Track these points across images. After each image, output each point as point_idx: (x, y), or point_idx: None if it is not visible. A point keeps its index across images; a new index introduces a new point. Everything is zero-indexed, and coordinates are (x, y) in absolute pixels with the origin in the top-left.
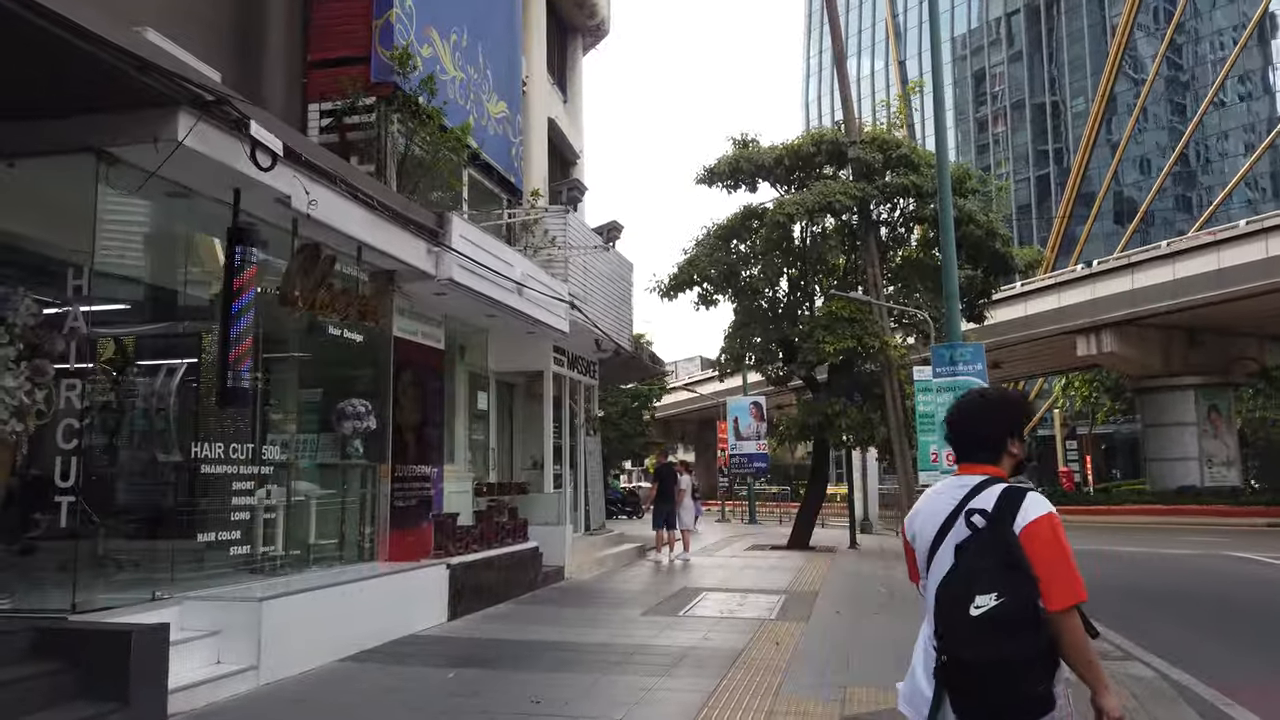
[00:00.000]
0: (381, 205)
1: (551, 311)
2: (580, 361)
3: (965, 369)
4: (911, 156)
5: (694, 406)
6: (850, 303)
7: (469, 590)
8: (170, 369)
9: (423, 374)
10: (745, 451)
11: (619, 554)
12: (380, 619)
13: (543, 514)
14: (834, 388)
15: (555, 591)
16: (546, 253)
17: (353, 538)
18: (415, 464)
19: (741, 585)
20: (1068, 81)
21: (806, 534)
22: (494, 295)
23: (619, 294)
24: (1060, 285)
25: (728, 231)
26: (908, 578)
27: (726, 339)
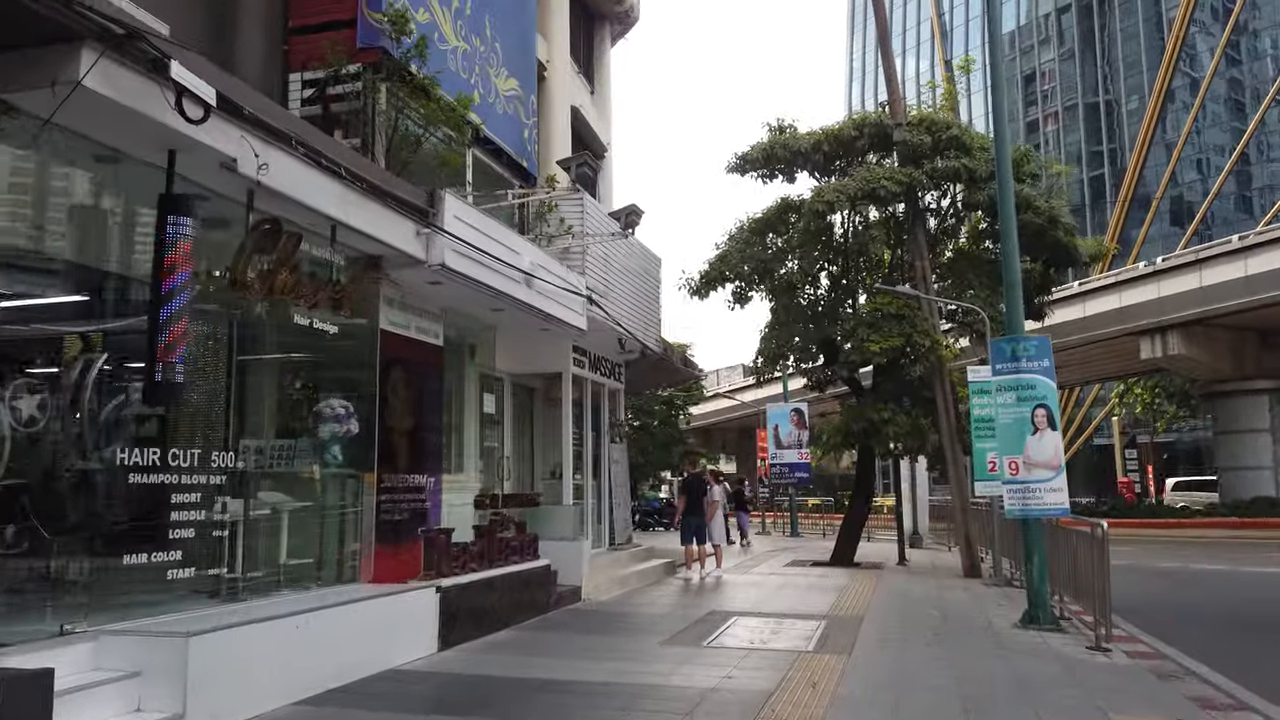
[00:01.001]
0: (351, 175)
1: (567, 306)
2: (603, 363)
3: (1030, 365)
4: (963, 138)
5: (734, 415)
6: (896, 298)
7: (465, 616)
8: (88, 362)
9: (417, 373)
10: (786, 461)
11: (645, 571)
12: (352, 652)
13: (558, 528)
14: (880, 392)
15: (569, 615)
16: (562, 243)
17: (331, 556)
18: (407, 473)
19: (777, 608)
20: (1122, 79)
21: (851, 549)
22: (497, 285)
23: (645, 290)
24: (1121, 284)
25: (763, 225)
26: (961, 599)
27: (762, 339)
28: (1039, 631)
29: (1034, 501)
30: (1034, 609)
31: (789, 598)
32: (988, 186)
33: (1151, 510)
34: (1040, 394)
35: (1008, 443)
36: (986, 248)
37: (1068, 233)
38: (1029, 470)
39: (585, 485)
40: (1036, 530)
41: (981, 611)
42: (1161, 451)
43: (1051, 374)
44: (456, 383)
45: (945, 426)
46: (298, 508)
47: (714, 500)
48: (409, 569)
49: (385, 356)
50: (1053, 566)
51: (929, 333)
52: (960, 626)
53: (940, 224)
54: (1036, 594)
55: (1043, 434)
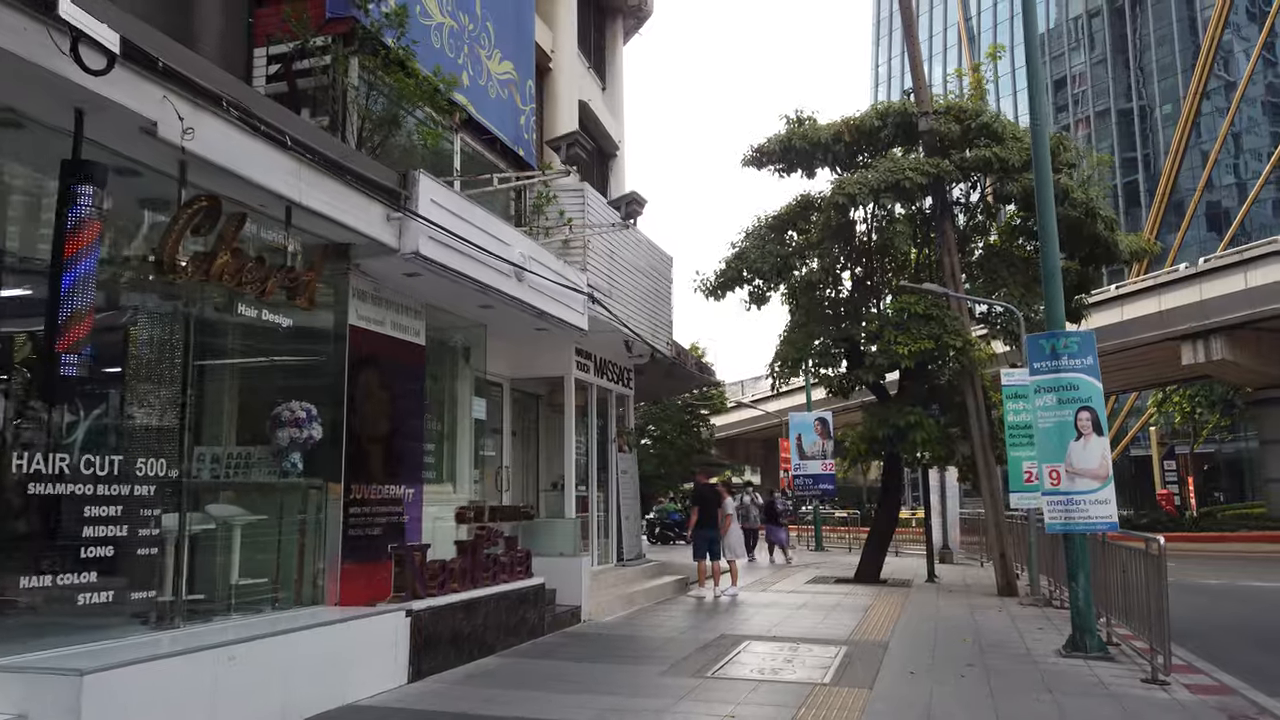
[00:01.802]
0: (300, 147)
1: (565, 304)
2: (610, 368)
3: (1072, 364)
4: (994, 125)
5: (758, 425)
6: (924, 297)
7: (441, 642)
8: None
9: (394, 373)
10: (810, 472)
11: (654, 589)
12: (302, 686)
13: (556, 543)
14: (907, 397)
15: (564, 638)
16: (560, 236)
17: (290, 575)
18: (381, 483)
19: (794, 632)
20: (1155, 83)
21: (876, 565)
22: (482, 278)
23: (654, 291)
24: (1161, 287)
25: (782, 222)
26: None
27: (781, 343)
28: (1086, 660)
29: (1078, 514)
30: (1079, 634)
31: (808, 619)
32: (1021, 177)
33: (1194, 523)
34: (1084, 395)
35: (1048, 450)
36: (1020, 245)
37: (1108, 226)
38: (1072, 480)
39: (590, 497)
40: (1081, 546)
41: (1019, 636)
42: (1201, 463)
43: (1096, 373)
44: (447, 387)
45: (977, 434)
46: (251, 522)
47: (728, 513)
48: (382, 589)
49: (355, 355)
50: (1099, 586)
51: (959, 333)
52: (997, 654)
53: (969, 220)
54: (1082, 617)
55: (1087, 440)
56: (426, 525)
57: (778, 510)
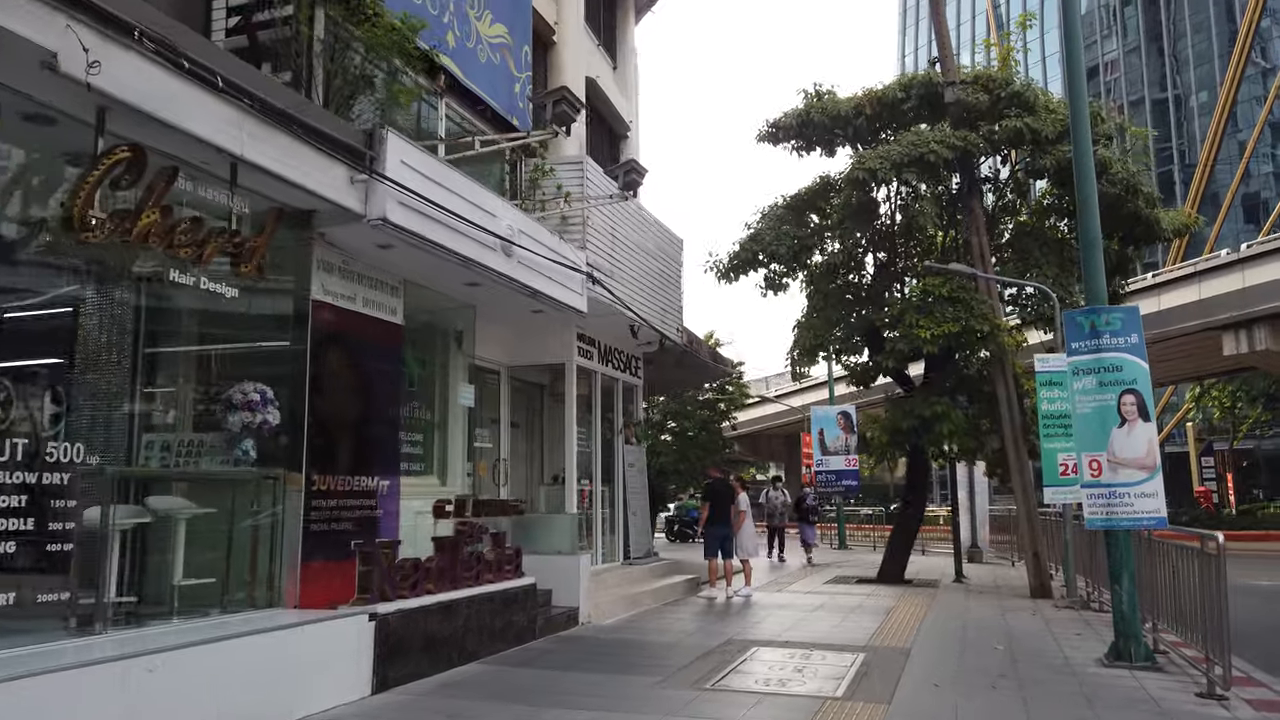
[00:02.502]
0: (234, 89)
1: (561, 283)
2: (616, 355)
3: (1115, 342)
4: (1025, 94)
5: (782, 421)
6: (950, 279)
7: (412, 648)
8: None
9: (366, 355)
10: (833, 468)
11: (663, 589)
12: (242, 701)
13: (553, 541)
14: (932, 386)
15: (557, 643)
16: (559, 212)
17: (241, 575)
18: (350, 474)
19: (808, 636)
20: (1191, 71)
21: (901, 564)
22: (464, 251)
23: (662, 274)
24: (1201, 274)
25: (800, 203)
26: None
27: (798, 328)
28: (1131, 670)
29: (1121, 509)
30: (1123, 641)
31: (824, 622)
32: (1055, 149)
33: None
34: (1128, 377)
35: (1087, 438)
36: (1054, 225)
37: (1149, 203)
38: (1115, 471)
39: (594, 492)
40: (1125, 544)
41: (1056, 643)
42: (1240, 459)
43: (1141, 352)
44: (437, 373)
45: (1009, 425)
46: (198, 515)
47: (742, 509)
48: (349, 591)
49: (320, 333)
50: (1143, 587)
51: (988, 317)
52: (1031, 663)
53: (999, 199)
54: (1126, 623)
55: (1132, 426)
56: (406, 520)
57: (809, 507)
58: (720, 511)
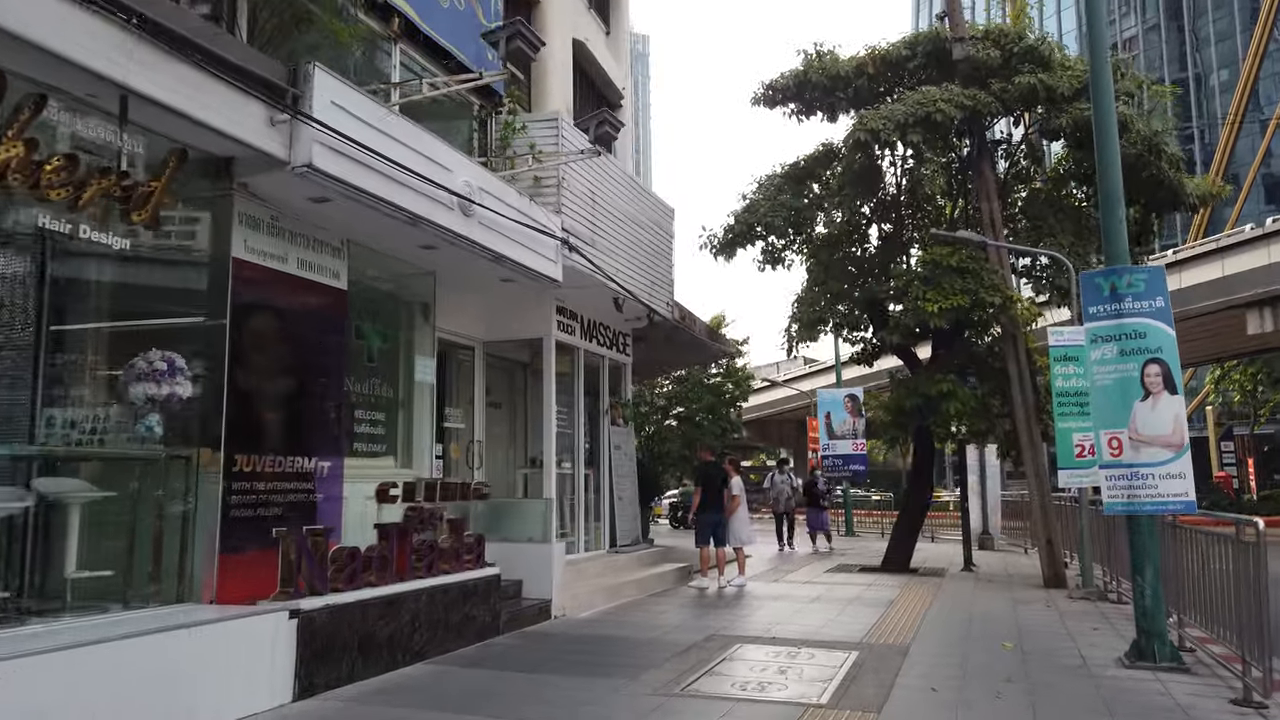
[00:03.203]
0: (114, 5)
1: (531, 248)
2: (602, 331)
3: (1137, 306)
4: (1040, 49)
5: (791, 405)
6: (958, 247)
7: (346, 648)
8: None
9: (301, 322)
10: (840, 452)
11: (649, 579)
12: (120, 711)
13: (523, 528)
14: (940, 364)
15: (522, 640)
16: (532, 173)
17: (144, 567)
18: (281, 454)
19: (798, 631)
20: (1213, 48)
21: (906, 552)
22: (411, 207)
23: (651, 245)
24: (1224, 250)
25: (800, 172)
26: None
27: (797, 303)
28: (1155, 672)
29: (1144, 491)
30: (1146, 639)
31: (819, 615)
32: (1071, 108)
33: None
34: (1152, 345)
35: (1107, 413)
36: (1070, 193)
37: (1173, 165)
38: (1136, 449)
39: (576, 475)
40: (1149, 532)
41: (1071, 639)
42: (1261, 444)
43: (1168, 317)
44: (402, 347)
45: (1020, 403)
46: (96, 500)
47: (735, 494)
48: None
49: (243, 296)
50: (1166, 577)
51: (999, 288)
52: (1043, 664)
53: (1011, 165)
54: (1149, 620)
55: (1157, 399)
56: (356, 506)
57: (819, 492)
58: (712, 496)
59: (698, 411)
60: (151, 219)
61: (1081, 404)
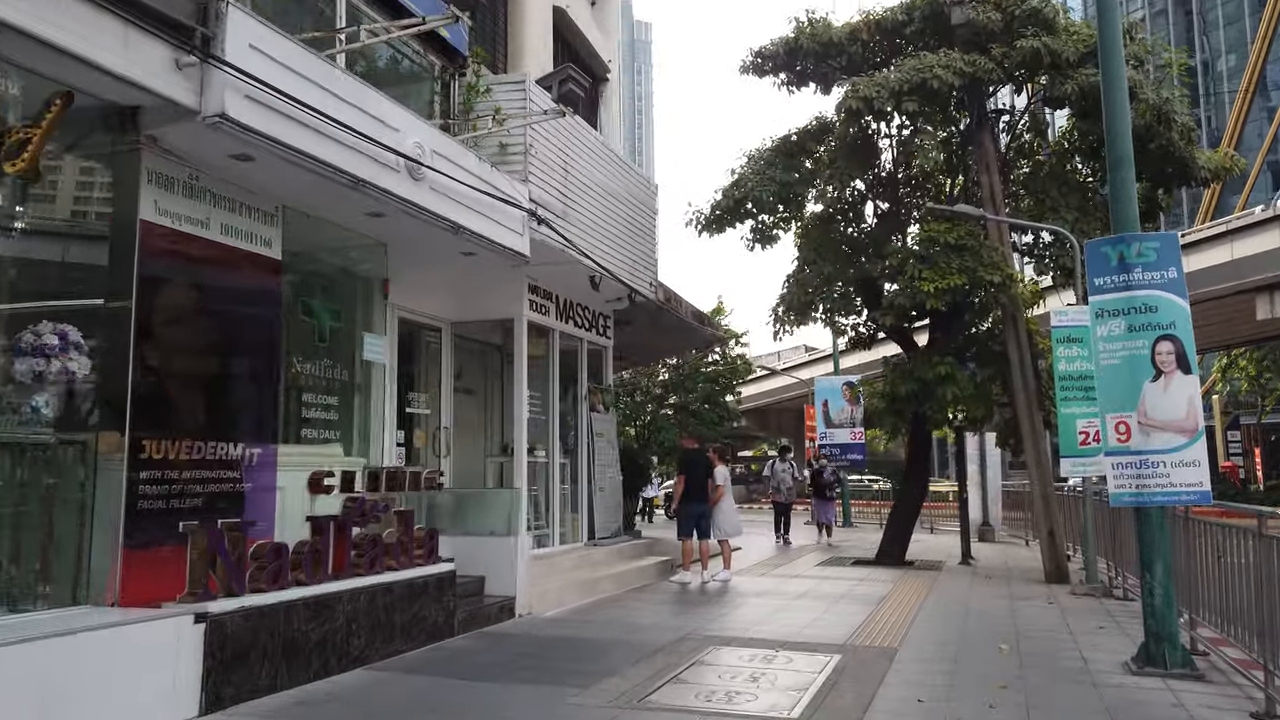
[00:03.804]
0: None
1: (493, 219)
2: (580, 312)
3: (1148, 277)
4: (1044, 10)
5: (791, 394)
6: (957, 225)
7: (264, 655)
8: None
9: (225, 294)
10: (837, 441)
11: (628, 573)
12: None
13: (487, 520)
14: (937, 348)
15: (478, 642)
16: (497, 139)
17: (30, 565)
18: (200, 439)
19: (780, 632)
20: (1221, 32)
21: (902, 545)
22: (349, 168)
23: (631, 221)
24: (1234, 232)
25: (791, 146)
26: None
27: (787, 283)
28: (1165, 679)
29: (1154, 481)
30: (1155, 643)
31: (804, 614)
32: (1077, 74)
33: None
34: (1164, 319)
35: (1114, 394)
36: (1075, 168)
37: (1184, 136)
38: (1146, 435)
39: (551, 464)
40: (1159, 525)
41: (1073, 640)
42: (1269, 434)
43: (1181, 289)
44: (358, 327)
45: (1021, 388)
46: None
47: (719, 483)
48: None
49: (152, 262)
50: (1179, 574)
51: (999, 266)
52: (1043, 669)
53: (1013, 140)
54: (1159, 621)
55: (1169, 379)
56: (294, 498)
57: (824, 482)
58: (695, 486)
59: (695, 400)
60: (30, 169)
61: (1086, 388)
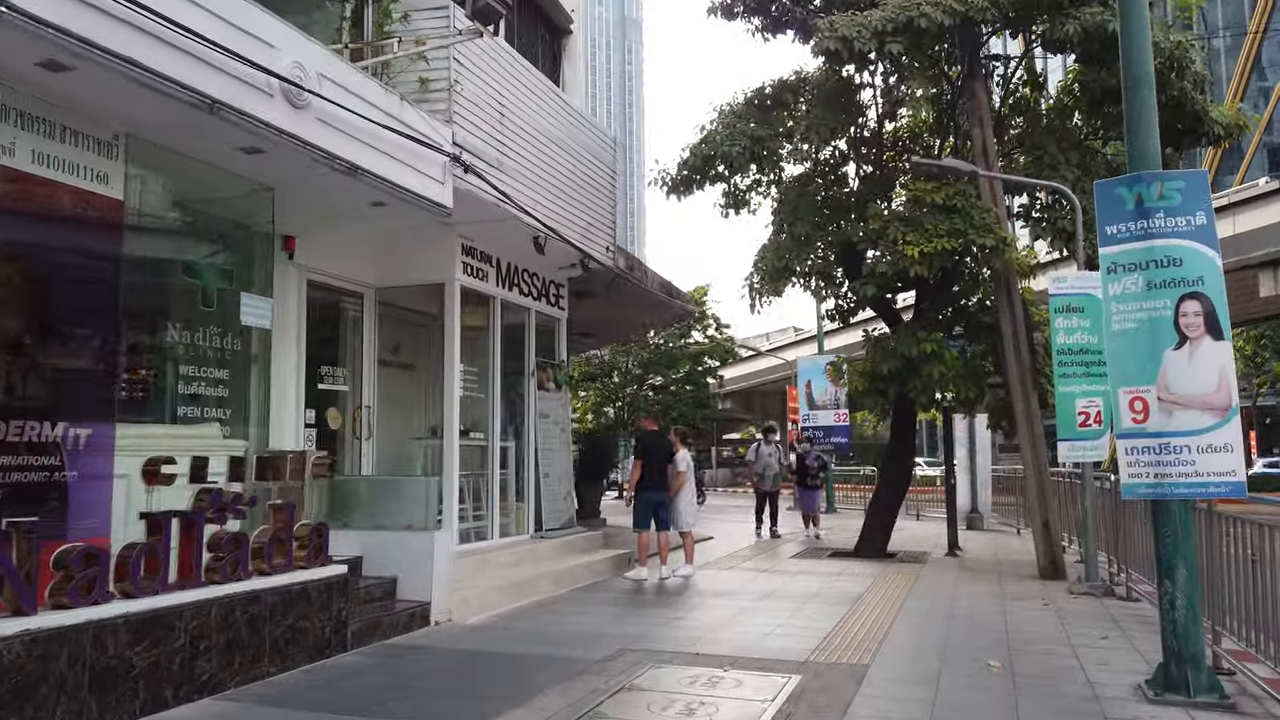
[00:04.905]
0: None
1: (405, 163)
2: (527, 279)
3: (1171, 224)
4: None
5: (776, 376)
6: (945, 184)
7: (73, 687)
8: None
9: (41, 239)
10: (821, 423)
11: (574, 570)
12: None
13: (403, 513)
14: (922, 319)
15: (372, 658)
16: (419, 74)
17: None
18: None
19: (733, 643)
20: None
21: (883, 535)
22: (197, 84)
23: (585, 178)
24: (1235, 206)
25: (766, 99)
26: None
27: (760, 251)
28: (1189, 709)
29: (1177, 469)
30: (1177, 664)
31: (767, 618)
32: (1080, 12)
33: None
34: (1191, 274)
35: (1129, 365)
36: (1076, 125)
37: (1197, 85)
38: (1168, 413)
39: (491, 448)
40: (1183, 523)
41: (1073, 653)
42: (1264, 416)
43: (1212, 238)
44: (256, 289)
45: (1014, 365)
46: None
47: (680, 470)
48: None
49: None
50: (1206, 583)
51: (992, 229)
52: (1041, 695)
53: (1007, 94)
54: (1182, 639)
55: (1196, 346)
56: (135, 488)
57: (809, 468)
58: (654, 472)
59: (675, 381)
60: None
61: (1087, 363)
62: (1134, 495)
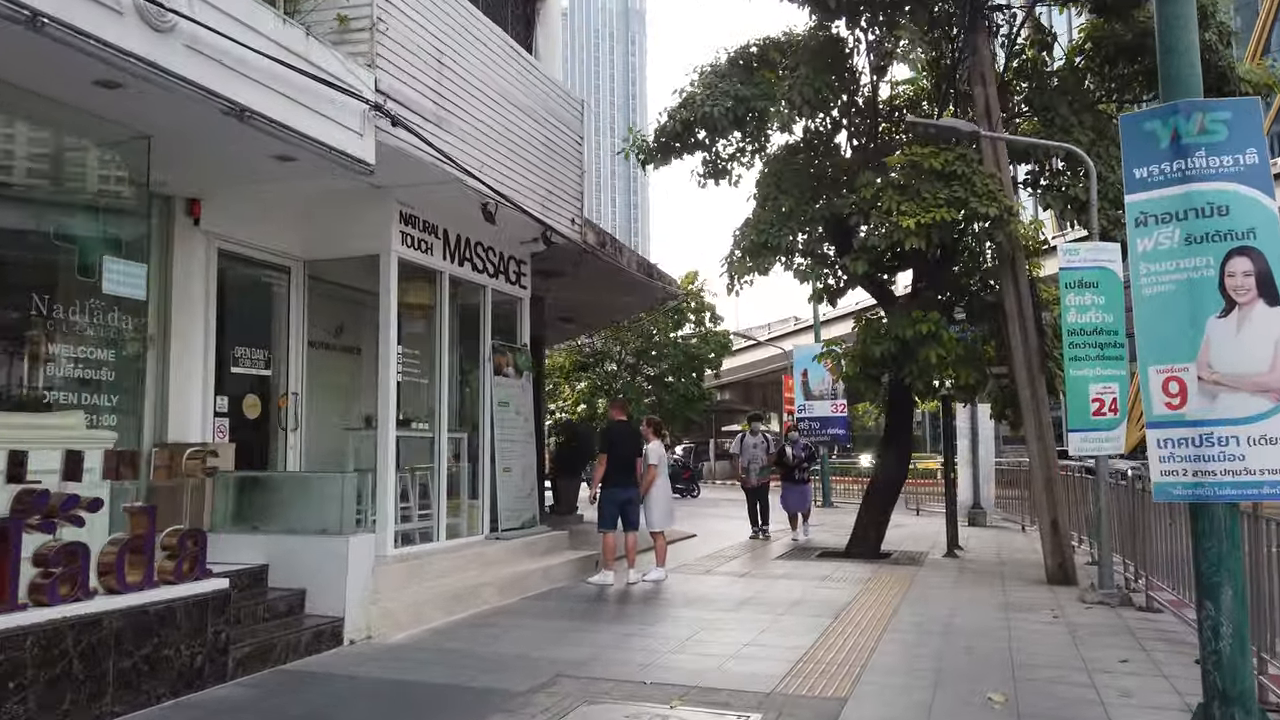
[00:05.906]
0: None
1: (313, 109)
2: (481, 253)
3: (1215, 165)
4: None
5: (774, 366)
6: (945, 149)
7: None
8: None
9: None
10: (818, 414)
11: (528, 576)
12: None
13: (317, 515)
14: (919, 299)
15: (256, 690)
16: (336, 9)
17: None
18: None
19: (693, 667)
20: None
21: (877, 533)
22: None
23: (547, 143)
24: None
25: (752, 57)
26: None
27: (743, 226)
28: None
29: (1222, 465)
30: (1223, 705)
31: (738, 633)
32: None
33: None
34: (1240, 225)
35: (1162, 338)
36: (1089, 89)
37: (1223, 38)
38: (1211, 397)
39: (438, 439)
40: (1229, 530)
41: (1090, 681)
42: None
43: (1267, 181)
44: (154, 260)
45: (1020, 347)
46: None
47: (652, 463)
48: None
49: None
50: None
51: (996, 197)
52: None
53: (1011, 55)
54: (1228, 675)
55: (1245, 313)
56: None
57: (791, 462)
58: (622, 466)
59: (668, 371)
60: None
61: (1102, 345)
62: (1167, 498)
